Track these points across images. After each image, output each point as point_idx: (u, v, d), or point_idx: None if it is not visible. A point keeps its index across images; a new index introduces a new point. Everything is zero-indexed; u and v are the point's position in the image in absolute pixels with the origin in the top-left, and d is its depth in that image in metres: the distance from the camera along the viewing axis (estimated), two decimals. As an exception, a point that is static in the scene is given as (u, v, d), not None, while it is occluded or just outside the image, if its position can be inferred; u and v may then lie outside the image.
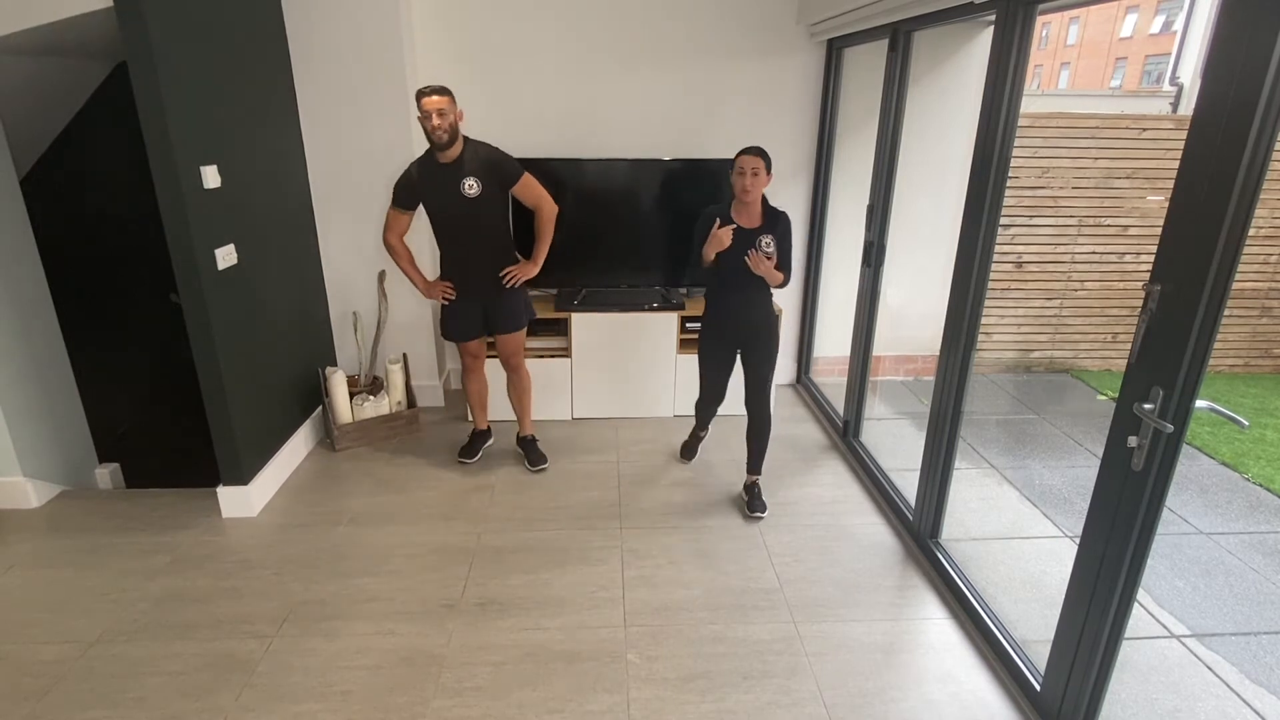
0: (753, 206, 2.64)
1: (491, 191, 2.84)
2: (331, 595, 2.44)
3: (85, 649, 2.19)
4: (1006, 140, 2.13)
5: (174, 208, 2.49)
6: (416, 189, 2.83)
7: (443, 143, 2.70)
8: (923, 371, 4.55)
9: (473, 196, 2.80)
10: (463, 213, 2.83)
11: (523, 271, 2.98)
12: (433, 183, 2.81)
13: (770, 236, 2.65)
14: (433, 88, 2.67)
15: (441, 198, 2.82)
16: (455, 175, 2.78)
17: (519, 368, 3.22)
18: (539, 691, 2.05)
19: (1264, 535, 3.30)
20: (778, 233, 2.66)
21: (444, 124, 2.67)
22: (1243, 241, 1.35)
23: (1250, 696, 2.27)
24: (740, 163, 2.58)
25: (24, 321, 2.91)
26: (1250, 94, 1.28)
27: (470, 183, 2.79)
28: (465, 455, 3.33)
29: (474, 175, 2.79)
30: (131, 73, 2.34)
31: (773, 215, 2.69)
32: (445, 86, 2.70)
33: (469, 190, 2.79)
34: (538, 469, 3.27)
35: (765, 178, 2.58)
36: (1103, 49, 22.87)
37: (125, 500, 3.07)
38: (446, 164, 2.78)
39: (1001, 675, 2.12)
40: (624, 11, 3.60)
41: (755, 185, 2.57)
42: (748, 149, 2.58)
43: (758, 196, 2.62)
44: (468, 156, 2.80)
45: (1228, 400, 4.94)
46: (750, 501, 2.94)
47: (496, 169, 2.84)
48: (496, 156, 2.85)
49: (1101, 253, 5.07)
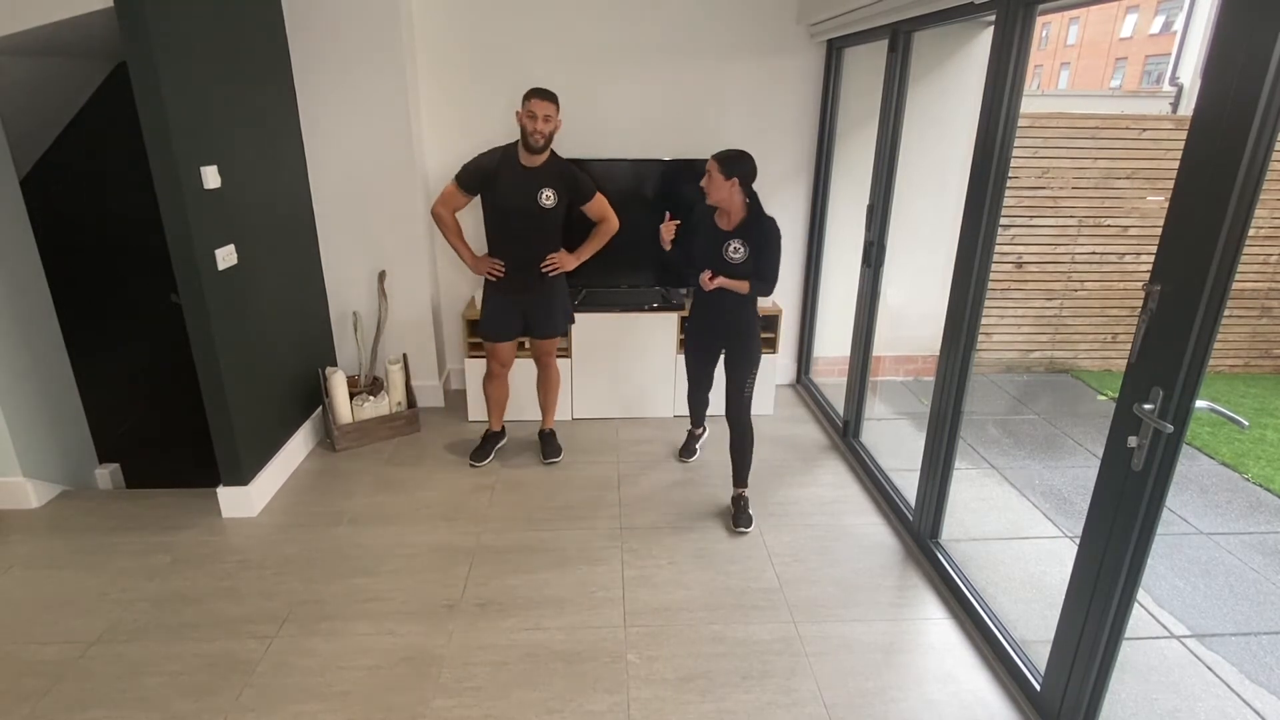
0: (731, 208, 2.61)
1: (564, 205, 2.92)
2: (331, 595, 2.44)
3: (85, 649, 2.19)
4: (1006, 140, 2.13)
5: (174, 208, 2.49)
6: (490, 180, 2.83)
7: (537, 146, 2.75)
8: (923, 371, 4.55)
9: (548, 207, 2.86)
10: (531, 219, 2.87)
11: (563, 261, 3.00)
12: (510, 181, 2.82)
13: (739, 241, 2.59)
14: (546, 91, 2.73)
15: (515, 199, 2.84)
16: (535, 182, 2.83)
17: (550, 366, 3.31)
18: (539, 691, 2.05)
19: (1264, 535, 3.30)
20: (752, 238, 2.60)
21: (546, 129, 2.72)
22: (1243, 241, 1.35)
23: (1250, 696, 2.27)
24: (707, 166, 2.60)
25: (24, 321, 2.91)
26: (1250, 94, 1.28)
27: (548, 194, 2.84)
28: (477, 458, 3.30)
29: (553, 187, 2.85)
30: (131, 73, 2.34)
31: (753, 220, 2.62)
32: (555, 94, 2.75)
33: (545, 201, 2.85)
34: (550, 461, 3.32)
35: (721, 180, 2.53)
36: (1103, 49, 22.87)
37: (125, 500, 3.07)
38: (529, 167, 2.82)
39: (1001, 675, 2.12)
40: (624, 12, 3.60)
41: (709, 186, 2.57)
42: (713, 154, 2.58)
43: (717, 199, 2.58)
44: (551, 167, 2.86)
45: (1228, 400, 4.94)
46: (735, 515, 2.86)
47: (574, 186, 2.92)
48: (577, 174, 2.93)
49: (1101, 253, 5.07)
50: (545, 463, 3.32)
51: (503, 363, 3.20)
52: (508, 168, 2.82)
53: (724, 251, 2.61)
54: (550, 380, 3.34)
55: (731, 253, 2.61)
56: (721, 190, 2.56)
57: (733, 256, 2.61)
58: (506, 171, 2.82)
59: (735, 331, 2.78)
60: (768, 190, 3.87)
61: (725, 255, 2.61)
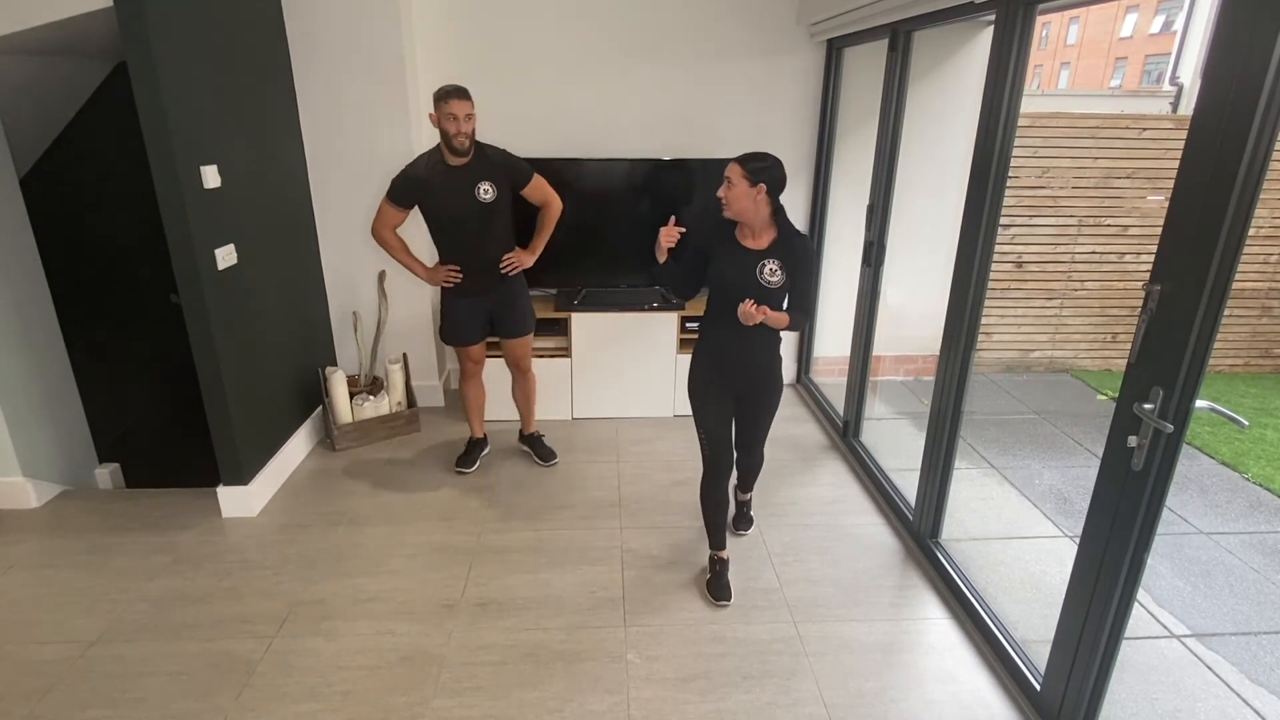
0: (755, 222, 2.18)
1: (504, 195, 2.81)
2: (331, 595, 2.44)
3: (85, 649, 2.19)
4: (1006, 140, 2.13)
5: (174, 208, 2.49)
6: (423, 191, 2.75)
7: (464, 149, 2.65)
8: (923, 371, 4.55)
9: (488, 201, 2.75)
10: (474, 217, 2.77)
11: (521, 259, 2.93)
12: (445, 186, 2.73)
13: (775, 263, 2.18)
14: (458, 89, 2.60)
15: (454, 201, 2.75)
16: (469, 179, 2.73)
17: (527, 371, 3.21)
18: (539, 691, 2.05)
19: (1264, 535, 3.31)
20: (789, 259, 2.19)
21: (469, 129, 2.63)
22: (1243, 241, 1.35)
23: (1250, 696, 2.27)
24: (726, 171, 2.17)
25: (24, 321, 2.91)
26: (1250, 94, 1.28)
27: (485, 187, 2.74)
28: (463, 465, 3.26)
29: (488, 179, 2.74)
30: (131, 73, 2.34)
31: (786, 237, 2.21)
32: (466, 88, 2.63)
33: (484, 195, 2.74)
34: (550, 464, 3.29)
35: (745, 188, 2.11)
36: (1103, 49, 22.87)
37: (125, 500, 3.07)
38: (459, 167, 2.72)
39: (1001, 675, 2.12)
40: (624, 11, 3.60)
41: (729, 196, 2.14)
42: (735, 158, 2.17)
43: (738, 211, 2.16)
44: (479, 160, 2.75)
45: (1228, 400, 4.94)
46: (736, 518, 2.83)
47: (509, 172, 2.81)
48: (508, 160, 2.81)
49: (1101, 253, 5.07)
50: (545, 465, 3.30)
51: (475, 360, 3.11)
52: (438, 173, 2.72)
53: (759, 274, 2.18)
54: (528, 386, 3.25)
55: (769, 275, 2.18)
56: (744, 200, 2.13)
57: (770, 280, 2.18)
58: (437, 177, 2.72)
59: (767, 373, 2.35)
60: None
61: (761, 279, 2.17)
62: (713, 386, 2.36)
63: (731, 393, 2.38)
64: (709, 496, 2.45)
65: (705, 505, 2.47)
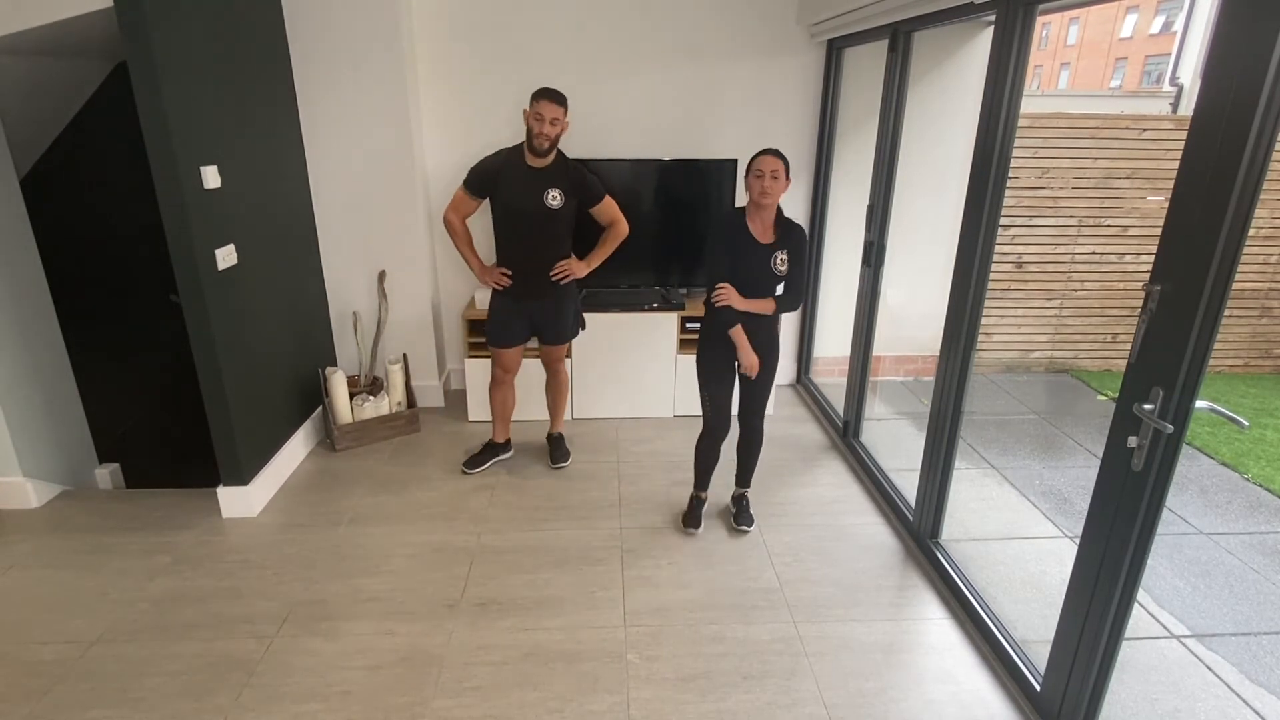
0: (768, 215, 2.43)
1: (571, 207, 2.87)
2: (331, 595, 2.44)
3: (85, 649, 2.19)
4: (1006, 140, 2.13)
5: (174, 208, 2.49)
6: (496, 182, 2.80)
7: (542, 149, 2.72)
8: (923, 371, 4.55)
9: (554, 209, 2.81)
10: (538, 221, 2.83)
11: (574, 268, 2.96)
12: (516, 182, 2.79)
13: (784, 253, 2.43)
14: (554, 93, 2.68)
15: (521, 200, 2.81)
16: (541, 182, 2.79)
17: (559, 371, 3.29)
18: (539, 691, 2.05)
19: (1264, 535, 3.31)
20: (794, 249, 2.46)
21: (552, 132, 2.68)
22: (1243, 241, 1.35)
23: (1250, 696, 2.27)
24: (759, 164, 2.35)
25: (24, 322, 2.91)
26: (1250, 94, 1.28)
27: (554, 194, 2.80)
28: (470, 465, 3.25)
29: (559, 188, 2.80)
30: (131, 73, 2.34)
31: (786, 228, 2.46)
32: (565, 96, 2.71)
33: (551, 201, 2.80)
34: (558, 465, 3.30)
35: (785, 182, 2.36)
36: (1103, 49, 22.87)
37: (125, 500, 3.07)
38: (535, 168, 2.78)
39: (1001, 675, 2.12)
40: (624, 12, 3.60)
41: (775, 189, 2.34)
42: (767, 150, 2.37)
43: (776, 201, 2.38)
44: (557, 167, 2.82)
45: (1228, 400, 4.94)
46: (737, 514, 2.86)
47: (581, 188, 2.87)
48: (585, 175, 2.89)
49: (1101, 253, 5.07)
50: (553, 467, 3.30)
51: (507, 369, 3.15)
52: (513, 169, 2.79)
53: (773, 266, 2.42)
54: (559, 384, 3.32)
55: (779, 266, 2.42)
56: (781, 194, 2.36)
57: (780, 270, 2.43)
58: (511, 172, 2.79)
59: (769, 346, 2.61)
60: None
61: (775, 269, 2.42)
62: (720, 360, 2.60)
63: (734, 360, 2.59)
64: (704, 450, 2.75)
65: (699, 455, 2.77)
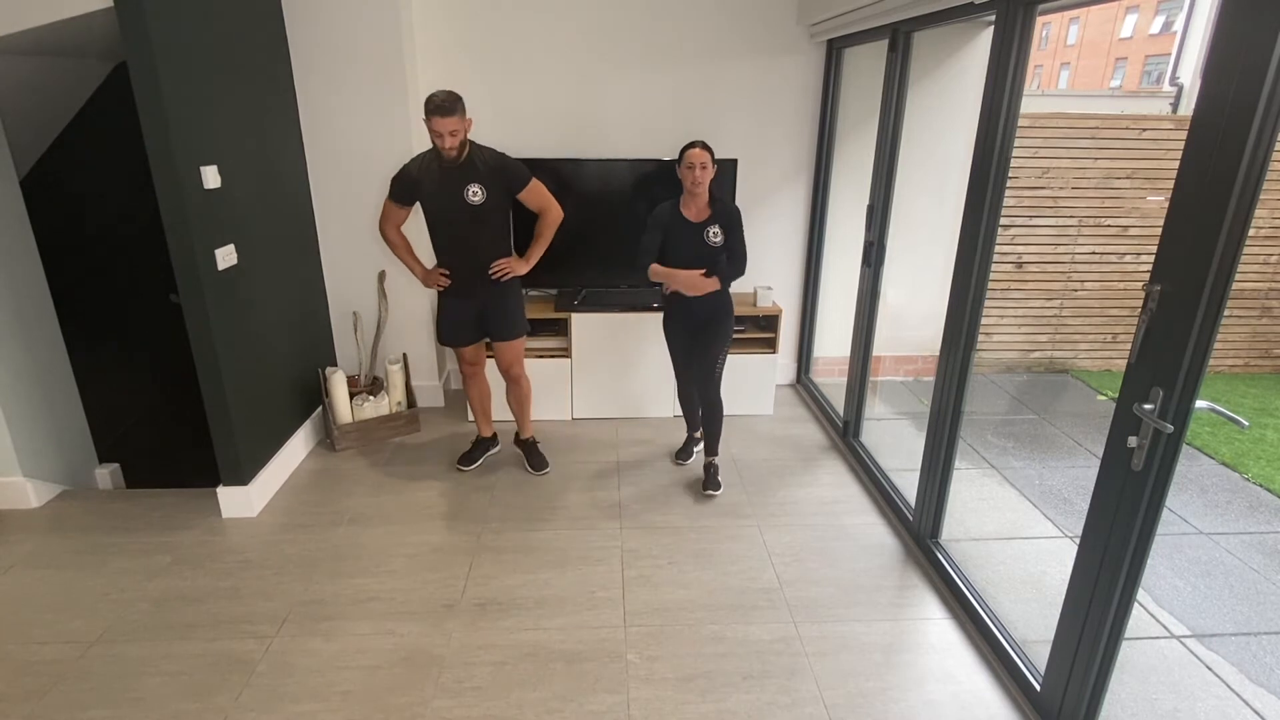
0: (700, 199, 2.79)
1: (497, 198, 2.78)
2: (331, 595, 2.44)
3: (85, 649, 2.19)
4: (1006, 140, 2.13)
5: (174, 208, 2.49)
6: (415, 188, 2.77)
7: (452, 160, 2.68)
8: (923, 371, 4.55)
9: (476, 204, 2.74)
10: (464, 218, 2.76)
11: (514, 266, 2.89)
12: (434, 185, 2.74)
13: (716, 227, 2.80)
14: (442, 104, 2.54)
15: (442, 201, 2.76)
16: (459, 180, 2.72)
17: (519, 378, 3.15)
18: (539, 691, 2.05)
19: (1264, 535, 3.30)
20: (724, 223, 2.81)
21: (454, 142, 2.62)
22: (1243, 241, 1.35)
23: (1250, 696, 2.27)
24: (688, 157, 2.70)
25: (24, 321, 2.91)
26: (1250, 94, 1.28)
27: (474, 189, 2.72)
28: (464, 463, 3.26)
29: (478, 181, 2.72)
30: (131, 73, 2.34)
31: (720, 207, 2.82)
32: (455, 99, 2.57)
33: (472, 197, 2.73)
34: (540, 473, 3.24)
35: (712, 169, 2.72)
36: (1103, 49, 22.87)
37: (125, 500, 3.07)
38: (450, 168, 2.71)
39: (1001, 675, 2.12)
40: (624, 12, 3.60)
41: (704, 177, 2.71)
42: (693, 143, 2.72)
43: (705, 189, 2.76)
44: (472, 162, 2.73)
45: (1228, 400, 4.94)
46: (706, 480, 3.10)
47: (503, 175, 2.78)
48: (504, 163, 2.78)
49: (1101, 253, 5.07)
50: (535, 474, 3.23)
51: (470, 361, 3.13)
52: (429, 172, 2.73)
53: (706, 238, 2.80)
54: (520, 393, 3.20)
55: (712, 237, 2.81)
56: (709, 179, 2.74)
57: (714, 241, 2.81)
58: (429, 176, 2.73)
59: (720, 313, 2.93)
60: (767, 190, 3.91)
61: (708, 241, 2.80)
62: (674, 323, 3.06)
63: (687, 328, 3.01)
64: (682, 398, 3.29)
65: (681, 402, 3.32)
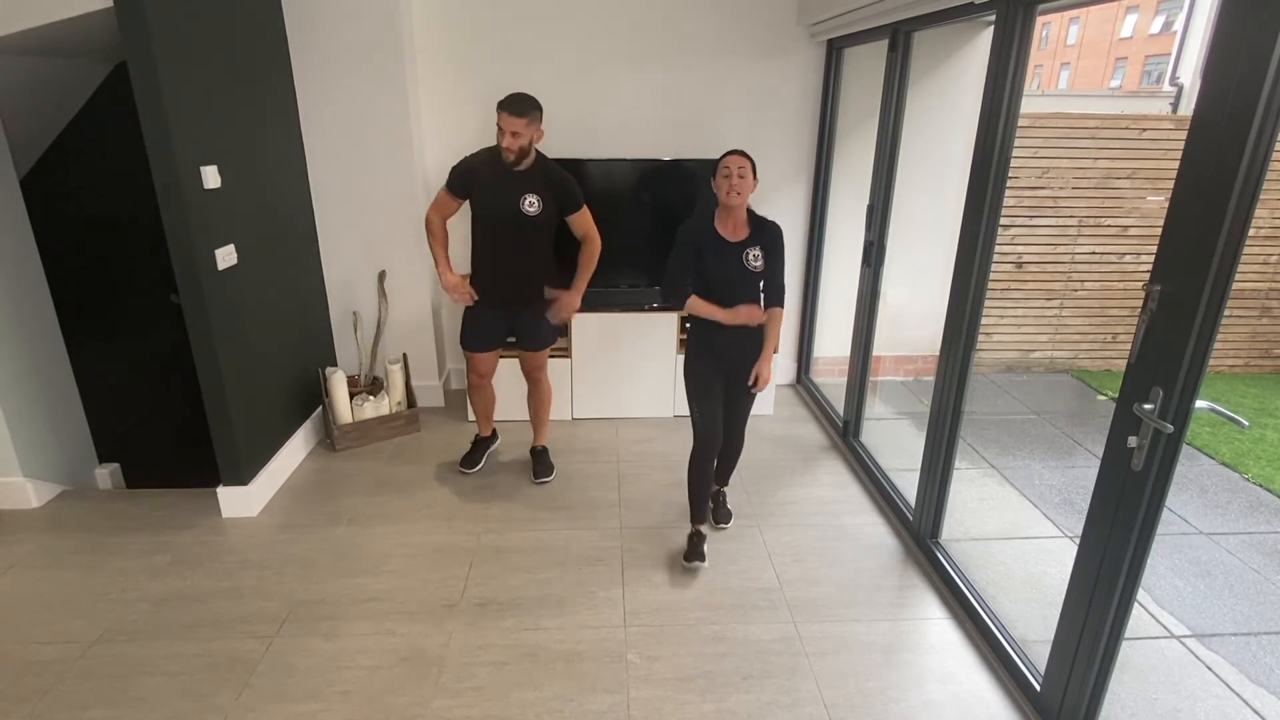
0: (738, 215, 2.39)
1: (550, 214, 2.76)
2: (331, 595, 2.44)
3: (85, 649, 2.19)
4: (1006, 140, 2.13)
5: (174, 208, 2.49)
6: (474, 183, 2.72)
7: (509, 161, 2.64)
8: (923, 371, 4.55)
9: (531, 214, 2.71)
10: (515, 225, 2.73)
11: (572, 302, 2.88)
12: (493, 185, 2.70)
13: (757, 249, 2.39)
14: (514, 102, 2.55)
15: (498, 204, 2.71)
16: (519, 187, 2.69)
17: (540, 381, 3.16)
18: (539, 691, 2.05)
19: (1264, 535, 3.30)
20: (765, 244, 2.40)
21: (515, 145, 2.58)
22: (1243, 241, 1.35)
23: (1250, 696, 2.27)
24: (726, 164, 2.33)
25: (24, 321, 2.91)
26: (1250, 94, 1.28)
27: (531, 199, 2.69)
28: (467, 465, 3.22)
29: (537, 193, 2.70)
30: (131, 73, 2.34)
31: (759, 225, 2.43)
32: (529, 102, 2.57)
33: (528, 207, 2.69)
34: (540, 481, 3.16)
35: (753, 180, 2.33)
36: (1103, 49, 22.88)
37: (125, 500, 3.07)
38: (514, 171, 2.68)
39: (1001, 675, 2.12)
40: (624, 12, 3.60)
41: (744, 187, 2.31)
42: (733, 150, 2.37)
43: (745, 200, 2.35)
44: (536, 172, 2.71)
45: (1228, 400, 4.94)
46: (715, 510, 2.86)
47: (561, 194, 2.76)
48: (565, 182, 2.77)
49: (1101, 253, 5.07)
50: (535, 483, 3.15)
51: (482, 374, 3.08)
52: (492, 171, 2.68)
53: (746, 261, 2.38)
54: (542, 396, 3.18)
55: (753, 261, 2.38)
56: (750, 193, 2.34)
57: (754, 265, 2.38)
58: (490, 174, 2.69)
59: (754, 351, 2.49)
60: (767, 190, 3.90)
61: (748, 265, 2.38)
62: (709, 371, 2.52)
63: (721, 370, 2.53)
64: (699, 472, 2.59)
65: (693, 480, 2.61)
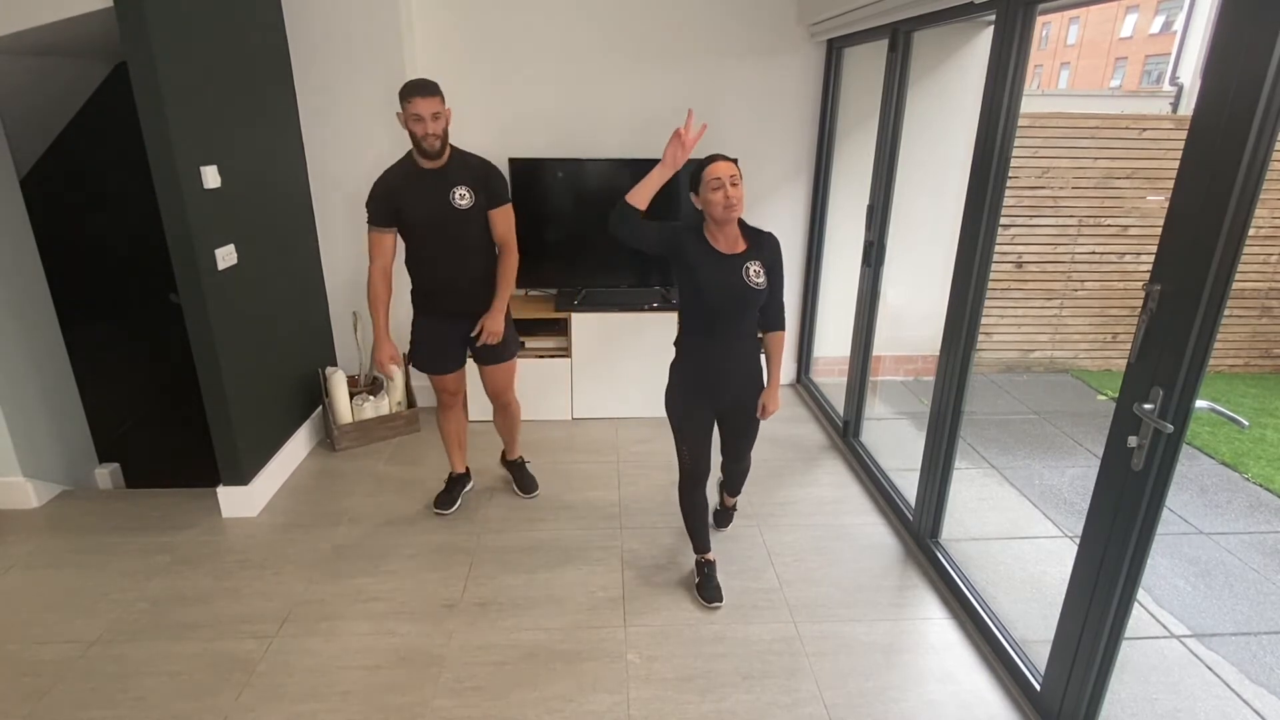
0: (732, 228, 2.11)
1: (480, 204, 2.51)
2: (331, 595, 2.44)
3: (85, 649, 2.19)
4: (1006, 140, 2.12)
5: (174, 208, 2.49)
6: (396, 198, 2.46)
7: (435, 150, 2.38)
8: (923, 371, 4.55)
9: (464, 208, 2.47)
10: (451, 225, 2.49)
11: (491, 327, 2.58)
12: (418, 191, 2.46)
13: (758, 264, 2.12)
14: (422, 84, 2.31)
15: (428, 208, 2.47)
16: (444, 183, 2.46)
17: (509, 404, 2.88)
18: (539, 691, 2.05)
19: (1264, 535, 3.30)
20: (765, 258, 2.14)
21: (437, 128, 2.35)
22: (1243, 241, 1.35)
23: (1250, 696, 2.27)
24: (715, 171, 2.03)
25: (24, 321, 2.91)
26: (1250, 94, 1.28)
27: (462, 192, 2.46)
28: (442, 505, 2.92)
29: (465, 185, 2.47)
30: (131, 73, 2.34)
31: (755, 237, 2.16)
32: (434, 82, 2.35)
33: (460, 201, 2.46)
34: (529, 495, 3.05)
35: (742, 187, 2.06)
36: (1103, 49, 22.88)
37: (125, 500, 3.07)
38: (432, 170, 2.46)
39: (1001, 675, 2.12)
40: (624, 11, 3.59)
41: (739, 196, 2.04)
42: (716, 155, 2.09)
43: (741, 210, 2.07)
44: (456, 164, 2.49)
45: (1228, 400, 4.94)
46: (719, 514, 2.81)
47: (488, 182, 2.52)
48: (489, 169, 2.54)
49: (1101, 253, 5.07)
50: (523, 497, 3.04)
51: (451, 391, 2.79)
52: (409, 178, 2.46)
53: (746, 277, 2.09)
54: (510, 419, 2.94)
55: (754, 277, 2.10)
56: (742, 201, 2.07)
57: (756, 282, 2.10)
58: (410, 182, 2.45)
59: (751, 382, 2.28)
60: (767, 191, 3.90)
61: (749, 281, 2.09)
62: (695, 401, 2.27)
63: (714, 405, 2.30)
64: (691, 503, 2.42)
65: (686, 511, 2.44)
